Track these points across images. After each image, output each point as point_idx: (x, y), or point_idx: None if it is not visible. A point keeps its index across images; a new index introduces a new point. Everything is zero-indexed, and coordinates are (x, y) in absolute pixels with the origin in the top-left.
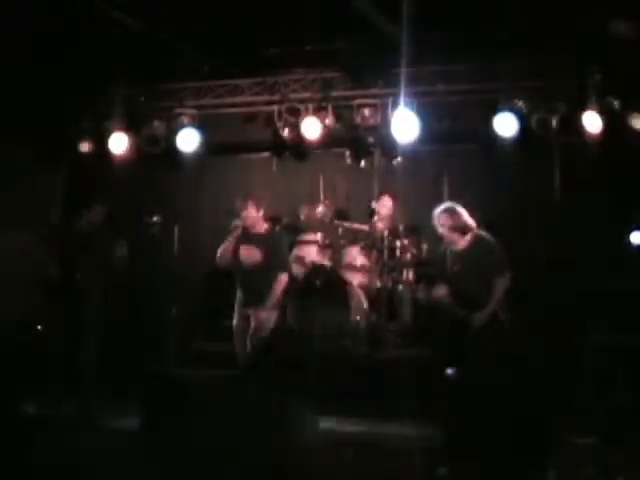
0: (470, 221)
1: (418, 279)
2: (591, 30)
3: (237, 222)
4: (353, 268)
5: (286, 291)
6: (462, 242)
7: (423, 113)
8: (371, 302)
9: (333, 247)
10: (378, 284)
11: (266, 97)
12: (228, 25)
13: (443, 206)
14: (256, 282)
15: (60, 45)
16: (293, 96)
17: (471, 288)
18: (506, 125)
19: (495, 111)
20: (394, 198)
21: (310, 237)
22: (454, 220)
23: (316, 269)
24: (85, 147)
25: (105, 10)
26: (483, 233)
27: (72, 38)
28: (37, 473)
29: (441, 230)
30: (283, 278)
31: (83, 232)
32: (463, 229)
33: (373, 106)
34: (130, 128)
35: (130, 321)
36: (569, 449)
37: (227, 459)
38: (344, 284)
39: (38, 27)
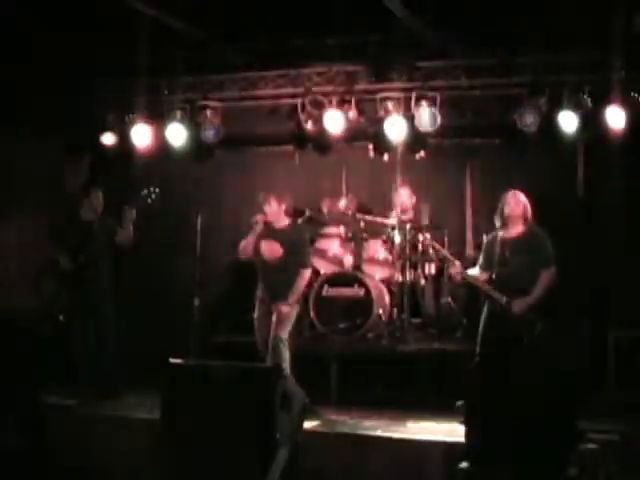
0: (530, 213)
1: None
2: (615, 24)
3: (258, 217)
4: (375, 262)
5: (307, 287)
6: (518, 230)
7: (446, 107)
8: (393, 296)
9: (355, 241)
10: (400, 278)
11: (289, 90)
12: (252, 17)
13: (517, 192)
14: (278, 277)
15: (83, 38)
16: (316, 89)
17: (516, 276)
18: (529, 120)
19: (518, 106)
20: (412, 188)
21: (332, 230)
22: (523, 206)
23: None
24: (108, 140)
25: (128, 2)
26: (536, 226)
27: (94, 30)
28: (56, 462)
29: (509, 212)
30: (305, 273)
31: (85, 220)
32: (526, 218)
33: (396, 100)
34: (153, 120)
35: (151, 312)
36: (590, 445)
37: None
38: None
39: (59, 20)
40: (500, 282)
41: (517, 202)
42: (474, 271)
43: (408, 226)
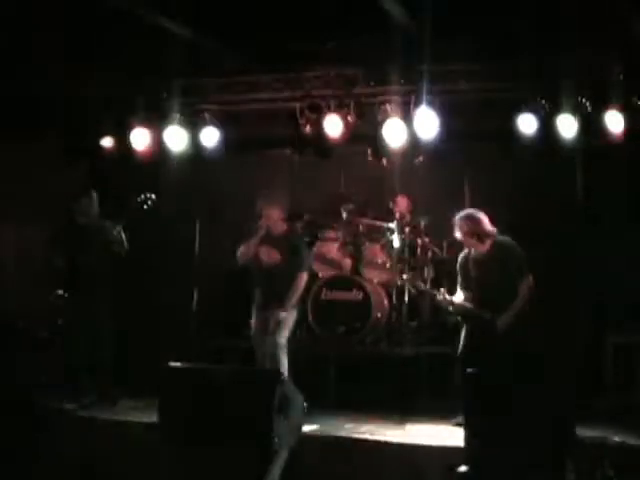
0: (489, 227)
1: (438, 284)
2: (614, 28)
3: (262, 223)
4: (374, 265)
5: (306, 290)
6: (482, 248)
7: (445, 111)
8: (391, 300)
9: (354, 244)
10: (398, 282)
11: (288, 93)
12: (250, 21)
13: (463, 212)
14: (275, 282)
15: (82, 41)
16: (315, 92)
17: (493, 292)
18: (528, 124)
19: (517, 110)
20: (409, 197)
21: (331, 234)
22: (472, 226)
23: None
24: (107, 144)
25: (126, 6)
26: (502, 238)
27: (94, 34)
28: (55, 463)
29: (459, 235)
30: (303, 277)
31: (82, 224)
32: (481, 235)
33: (395, 103)
34: (152, 124)
35: (149, 316)
36: (587, 449)
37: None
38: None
39: (61, 24)
40: (481, 300)
41: (461, 227)
42: (458, 295)
43: (407, 230)
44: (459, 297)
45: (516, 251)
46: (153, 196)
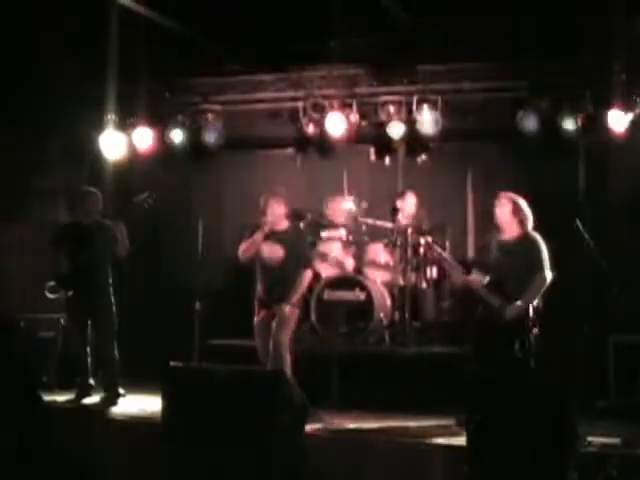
0: (530, 215)
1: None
2: (616, 27)
3: (266, 219)
4: (377, 265)
5: (309, 288)
6: (514, 232)
7: (447, 110)
8: (394, 300)
9: (357, 244)
10: (401, 282)
11: (290, 93)
12: (253, 20)
13: (509, 192)
14: (278, 279)
15: (82, 41)
16: (318, 92)
17: (510, 279)
18: (530, 123)
19: (520, 109)
20: (418, 195)
21: (334, 234)
22: (517, 206)
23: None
24: (109, 142)
25: (130, 4)
26: (532, 232)
27: (96, 32)
28: (56, 463)
29: (500, 213)
30: (306, 275)
31: (84, 223)
32: (520, 218)
33: (398, 103)
34: (154, 123)
35: (150, 315)
36: (590, 449)
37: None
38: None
39: (61, 24)
40: (495, 285)
41: (503, 207)
42: (473, 275)
43: (410, 229)
44: (473, 275)
45: (535, 245)
46: (154, 195)
